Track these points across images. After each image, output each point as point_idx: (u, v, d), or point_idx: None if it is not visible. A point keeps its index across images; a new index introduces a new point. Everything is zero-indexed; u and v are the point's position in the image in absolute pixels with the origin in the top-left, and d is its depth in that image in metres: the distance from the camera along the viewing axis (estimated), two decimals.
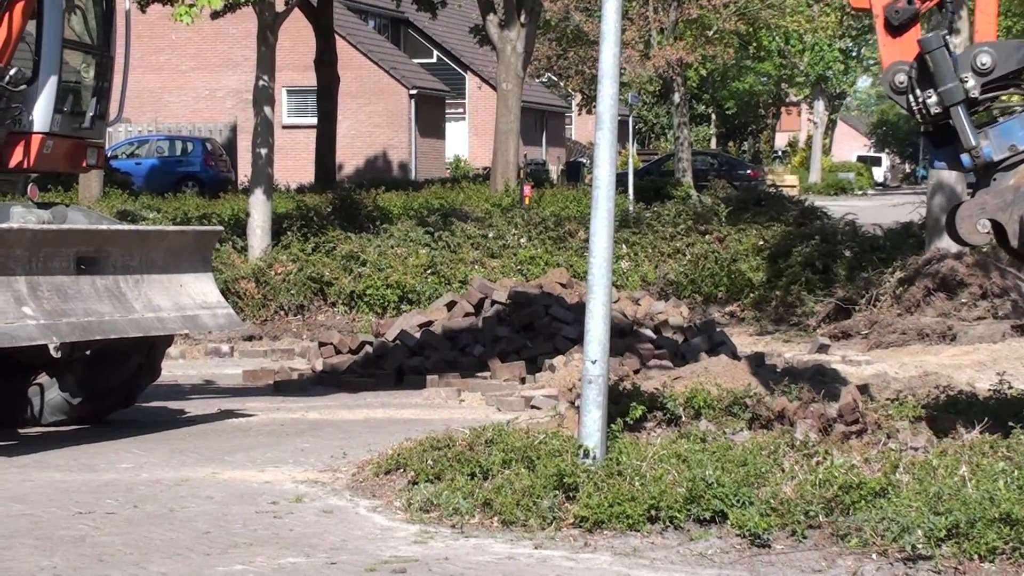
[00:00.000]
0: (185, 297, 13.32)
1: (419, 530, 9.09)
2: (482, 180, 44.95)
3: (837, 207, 32.81)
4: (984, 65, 10.17)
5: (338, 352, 17.23)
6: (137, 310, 12.76)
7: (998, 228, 10.08)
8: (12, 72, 12.69)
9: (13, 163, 12.99)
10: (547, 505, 9.09)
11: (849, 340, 18.92)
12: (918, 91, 10.16)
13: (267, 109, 23.22)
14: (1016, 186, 10.09)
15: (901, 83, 10.25)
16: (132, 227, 14.24)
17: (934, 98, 10.15)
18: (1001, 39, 11.07)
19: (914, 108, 10.21)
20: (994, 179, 10.23)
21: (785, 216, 26.13)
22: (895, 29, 10.35)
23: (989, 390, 12.57)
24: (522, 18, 37.06)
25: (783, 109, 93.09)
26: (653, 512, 8.88)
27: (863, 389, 12.28)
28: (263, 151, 23.28)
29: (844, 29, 66.74)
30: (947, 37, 10.22)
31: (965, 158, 10.20)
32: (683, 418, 11.12)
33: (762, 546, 8.53)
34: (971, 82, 10.14)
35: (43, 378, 13.46)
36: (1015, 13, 47.30)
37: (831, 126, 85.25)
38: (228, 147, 50.33)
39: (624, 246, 24.02)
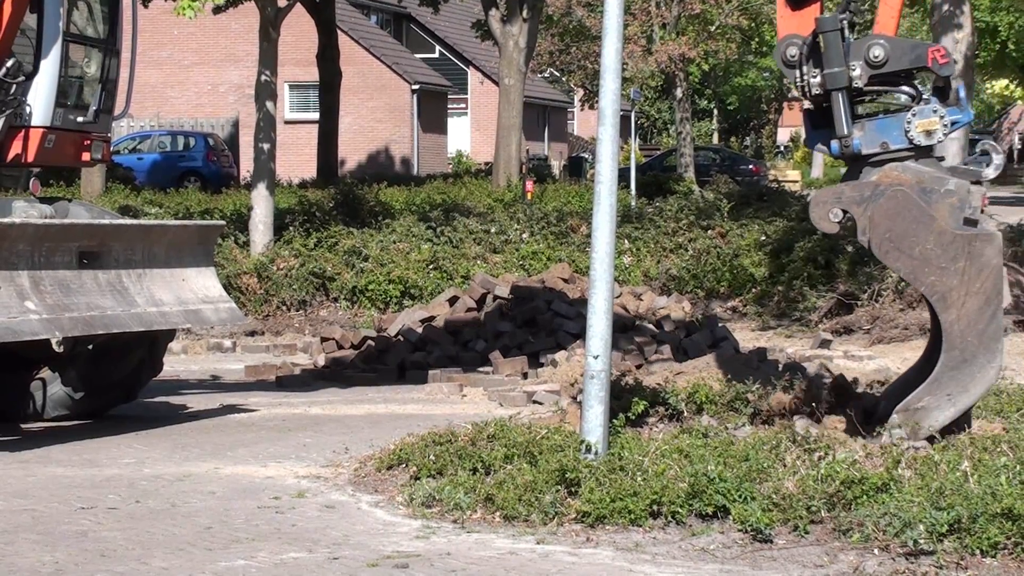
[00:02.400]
0: (187, 291, 13.33)
1: (421, 525, 9.09)
2: (484, 175, 44.92)
3: None
4: (876, 58, 10.21)
5: (340, 347, 17.23)
6: (139, 304, 12.77)
7: (852, 220, 10.16)
8: (9, 64, 12.68)
9: (12, 156, 12.99)
10: (549, 500, 9.10)
11: (851, 335, 18.92)
12: (805, 68, 10.19)
13: (269, 104, 23.21)
14: (876, 183, 10.17)
15: (792, 56, 10.29)
16: (134, 222, 14.25)
17: (818, 79, 10.19)
18: (1004, 33, 11.12)
19: (799, 84, 10.25)
20: (862, 172, 10.30)
21: (787, 211, 26.08)
22: (795, 2, 10.42)
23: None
24: (524, 13, 37.04)
25: (785, 104, 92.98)
26: (655, 507, 8.89)
27: (855, 383, 12.25)
28: (265, 146, 23.28)
29: None
30: (844, 21, 10.23)
31: (835, 144, 10.28)
32: (685, 413, 11.12)
33: (764, 541, 8.53)
34: (858, 71, 10.18)
35: (45, 373, 13.47)
36: (1018, 9, 47.27)
37: None
38: (230, 142, 50.29)
39: (626, 241, 24.00)
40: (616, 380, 11.87)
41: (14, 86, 12.78)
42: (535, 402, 13.95)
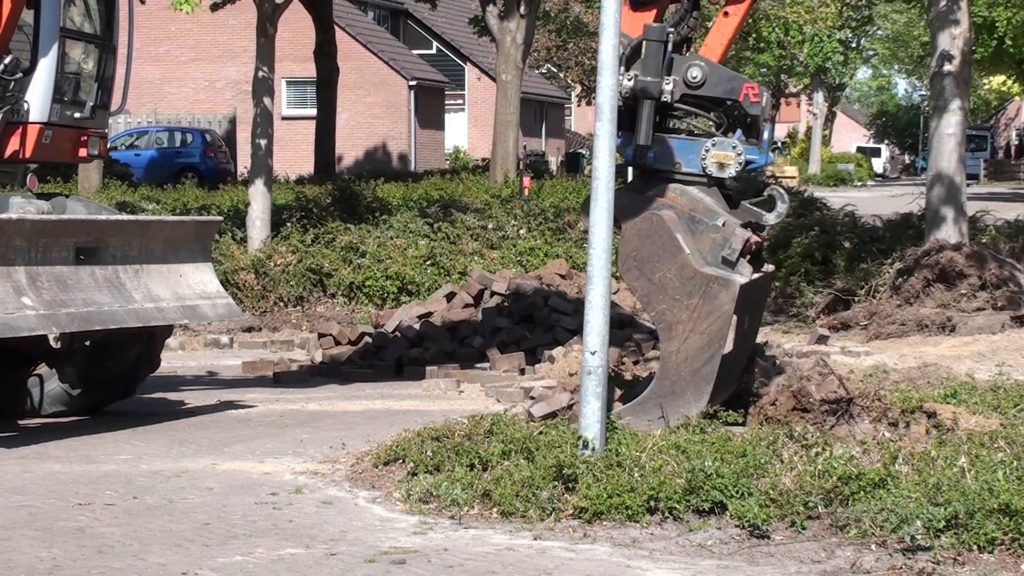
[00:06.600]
0: (184, 287, 13.32)
1: (418, 521, 9.10)
2: (481, 171, 44.92)
3: (836, 198, 32.78)
4: (694, 79, 10.40)
5: (337, 343, 17.23)
6: (136, 300, 12.76)
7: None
8: (6, 60, 12.69)
9: (9, 152, 12.99)
10: (546, 496, 9.10)
11: (848, 331, 18.90)
12: (622, 69, 10.28)
13: (266, 100, 23.19)
14: (650, 199, 10.28)
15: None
16: (131, 217, 14.25)
17: (631, 83, 10.31)
18: (1002, 29, 11.18)
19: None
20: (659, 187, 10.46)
21: None
22: (638, 3, 10.54)
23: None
24: (521, 9, 37.03)
25: (783, 100, 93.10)
26: (652, 503, 8.89)
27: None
28: (262, 142, 23.26)
29: (844, 20, 66.74)
30: (671, 35, 10.35)
31: (630, 151, 10.38)
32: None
33: (761, 537, 8.54)
34: (670, 86, 10.34)
35: (42, 369, 13.46)
36: (1015, 4, 47.25)
37: (830, 117, 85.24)
38: (227, 138, 50.29)
39: None
40: (613, 376, 11.87)
41: (11, 83, 12.78)
42: (532, 398, 13.94)
